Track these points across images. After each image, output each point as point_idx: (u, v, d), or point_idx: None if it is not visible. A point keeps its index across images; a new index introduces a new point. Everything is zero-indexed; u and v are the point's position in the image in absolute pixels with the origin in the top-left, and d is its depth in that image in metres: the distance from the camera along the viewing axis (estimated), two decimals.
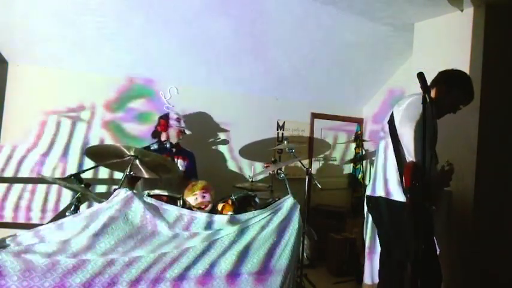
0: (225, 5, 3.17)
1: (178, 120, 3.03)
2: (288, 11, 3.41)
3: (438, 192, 2.19)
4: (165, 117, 3.05)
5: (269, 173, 3.75)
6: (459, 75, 2.27)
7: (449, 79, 2.25)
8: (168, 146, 2.86)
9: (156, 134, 3.08)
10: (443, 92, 2.21)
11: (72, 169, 3.14)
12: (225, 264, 1.85)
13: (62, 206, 3.13)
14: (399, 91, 4.47)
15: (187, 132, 3.17)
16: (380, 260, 2.31)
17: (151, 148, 2.68)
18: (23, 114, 3.02)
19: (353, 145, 4.93)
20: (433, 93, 2.20)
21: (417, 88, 1.73)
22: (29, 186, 3.04)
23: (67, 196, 3.14)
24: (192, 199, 2.22)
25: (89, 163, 3.06)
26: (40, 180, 3.02)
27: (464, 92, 2.22)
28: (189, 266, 1.79)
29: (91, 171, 2.90)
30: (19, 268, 1.48)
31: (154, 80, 3.55)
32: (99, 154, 2.39)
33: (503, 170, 3.28)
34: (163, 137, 3.03)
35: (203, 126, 3.77)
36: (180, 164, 3.05)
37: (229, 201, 2.30)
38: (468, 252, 3.05)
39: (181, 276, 1.76)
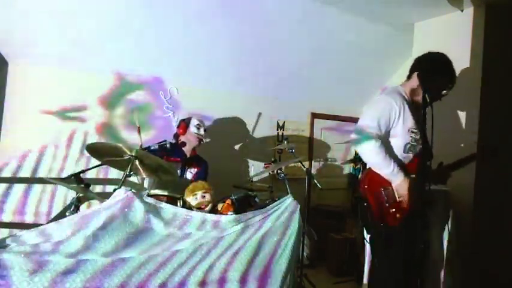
0: (225, 5, 3.17)
1: (198, 127, 3.02)
2: (288, 11, 3.41)
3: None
4: (186, 121, 3.04)
5: (269, 173, 3.75)
6: (429, 59, 2.05)
7: (420, 65, 2.05)
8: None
9: (175, 136, 3.10)
10: (420, 80, 2.02)
11: (72, 169, 3.13)
12: (227, 266, 1.84)
13: (61, 206, 3.13)
14: None
15: (206, 140, 3.15)
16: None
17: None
18: (23, 114, 3.02)
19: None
20: (414, 83, 2.07)
21: None
22: (29, 186, 3.03)
23: (67, 196, 3.14)
24: (192, 199, 2.23)
25: (88, 163, 3.10)
26: (40, 180, 3.02)
27: (441, 76, 2.01)
28: (189, 268, 1.78)
29: (93, 170, 2.88)
30: (18, 268, 1.48)
31: (154, 80, 3.54)
32: (99, 152, 2.39)
33: (503, 170, 3.28)
34: (180, 140, 3.04)
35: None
36: (191, 171, 3.03)
37: (229, 201, 2.30)
38: (468, 252, 3.04)
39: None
